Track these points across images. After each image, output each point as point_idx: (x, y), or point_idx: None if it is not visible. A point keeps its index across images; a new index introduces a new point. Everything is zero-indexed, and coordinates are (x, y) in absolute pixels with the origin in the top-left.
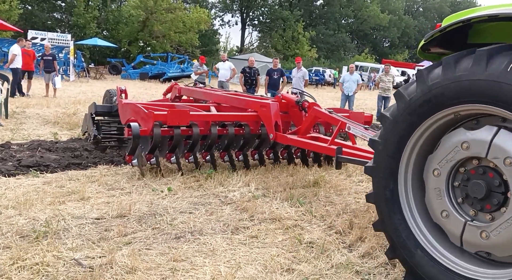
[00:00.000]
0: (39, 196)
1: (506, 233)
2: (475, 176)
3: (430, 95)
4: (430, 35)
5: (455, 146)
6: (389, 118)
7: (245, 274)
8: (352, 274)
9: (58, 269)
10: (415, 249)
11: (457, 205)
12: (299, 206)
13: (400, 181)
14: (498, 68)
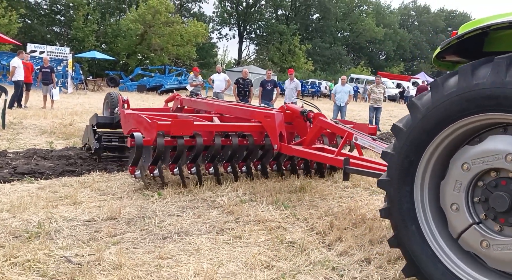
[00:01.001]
0: (33, 200)
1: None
2: (502, 187)
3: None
4: (446, 42)
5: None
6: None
7: (226, 270)
8: (328, 270)
9: (48, 266)
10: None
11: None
12: (283, 209)
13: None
14: None
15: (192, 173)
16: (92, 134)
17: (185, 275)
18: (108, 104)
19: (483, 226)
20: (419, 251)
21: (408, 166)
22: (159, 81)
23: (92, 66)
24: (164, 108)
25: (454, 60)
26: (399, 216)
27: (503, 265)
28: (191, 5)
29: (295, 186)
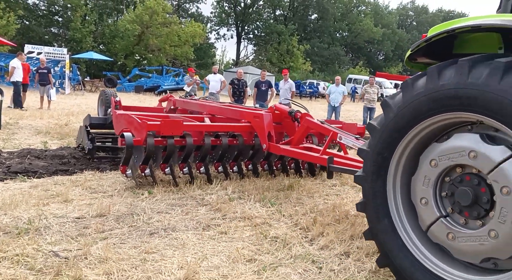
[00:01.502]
0: (24, 198)
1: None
2: (467, 182)
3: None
4: (416, 45)
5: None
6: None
7: (209, 263)
8: (308, 263)
9: (36, 259)
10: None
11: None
12: (270, 206)
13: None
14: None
15: (184, 173)
16: (86, 135)
17: (169, 268)
18: (103, 102)
19: (450, 219)
20: (391, 243)
21: (382, 162)
22: (157, 82)
23: (89, 67)
24: (157, 108)
25: (425, 62)
26: (373, 210)
27: (466, 256)
28: (188, 5)
29: (284, 185)
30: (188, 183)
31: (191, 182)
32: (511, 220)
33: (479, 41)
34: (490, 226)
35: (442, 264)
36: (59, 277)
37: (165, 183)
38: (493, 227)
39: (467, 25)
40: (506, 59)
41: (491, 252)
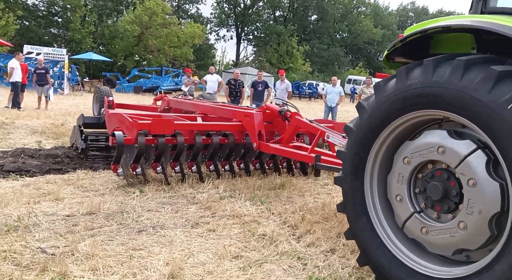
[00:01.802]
0: (16, 196)
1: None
2: (437, 178)
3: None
4: (392, 45)
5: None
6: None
7: (196, 260)
8: (293, 260)
9: (23, 256)
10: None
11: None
12: (260, 205)
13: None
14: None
15: (176, 172)
16: (79, 134)
17: (155, 265)
18: (97, 99)
19: (423, 214)
20: (369, 241)
21: (359, 162)
22: (156, 83)
23: (89, 68)
24: (151, 107)
25: (403, 62)
26: (352, 209)
27: (439, 249)
28: (188, 6)
29: (276, 184)
30: (180, 181)
31: (182, 181)
32: (477, 210)
33: (454, 42)
34: (459, 218)
35: (418, 259)
36: (44, 273)
37: (157, 181)
38: (462, 218)
39: (439, 26)
40: (466, 57)
41: (461, 243)
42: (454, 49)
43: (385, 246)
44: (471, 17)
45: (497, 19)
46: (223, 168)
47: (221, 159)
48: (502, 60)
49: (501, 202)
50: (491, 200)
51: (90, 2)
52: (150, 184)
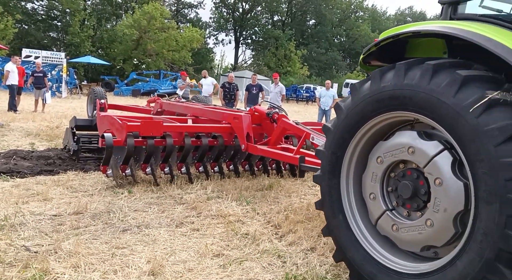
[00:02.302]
0: (4, 196)
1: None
2: (408, 177)
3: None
4: (367, 49)
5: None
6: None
7: (177, 258)
8: (273, 258)
9: (7, 253)
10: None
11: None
12: (245, 205)
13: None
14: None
15: (165, 173)
16: (71, 136)
17: (137, 263)
18: (91, 100)
19: (395, 212)
20: (344, 237)
21: (335, 161)
22: (154, 86)
23: (88, 71)
24: (144, 109)
25: (379, 65)
26: (329, 207)
27: (409, 246)
28: (187, 11)
29: (264, 185)
30: (169, 182)
31: (171, 182)
32: (443, 208)
33: (427, 46)
34: (427, 215)
35: (389, 255)
36: (26, 269)
37: (146, 182)
38: (429, 216)
39: (409, 31)
40: (434, 62)
41: (428, 240)
42: (427, 53)
43: (359, 243)
44: (440, 23)
45: (462, 25)
46: (212, 169)
47: (210, 161)
48: (469, 64)
49: (465, 201)
50: (456, 199)
51: (89, 6)
52: (139, 185)
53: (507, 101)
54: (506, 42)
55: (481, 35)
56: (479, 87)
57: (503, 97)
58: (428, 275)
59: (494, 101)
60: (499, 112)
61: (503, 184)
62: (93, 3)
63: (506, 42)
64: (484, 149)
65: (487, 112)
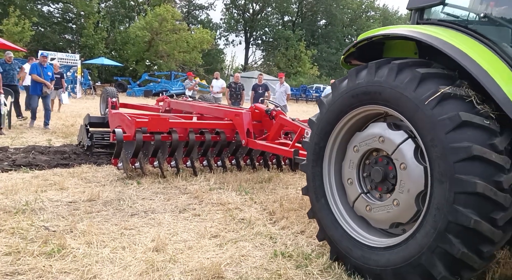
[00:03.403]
0: (25, 185)
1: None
2: (379, 163)
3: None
4: (346, 50)
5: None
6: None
7: (179, 238)
8: (266, 239)
9: (29, 232)
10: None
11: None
12: (244, 195)
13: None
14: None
15: (172, 166)
16: (85, 133)
17: (143, 241)
18: (104, 99)
19: (369, 194)
20: (326, 218)
21: (319, 151)
22: (165, 87)
23: (102, 72)
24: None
25: (358, 64)
26: (313, 192)
27: (379, 223)
28: (198, 12)
29: (264, 178)
30: (175, 175)
31: (177, 174)
32: (407, 189)
33: (400, 47)
34: (394, 196)
35: (363, 232)
36: (46, 244)
37: (154, 174)
38: (395, 196)
39: (380, 34)
40: (399, 61)
41: (395, 217)
42: (401, 53)
43: (338, 223)
44: (407, 27)
45: (424, 29)
46: (215, 163)
47: (213, 155)
48: (429, 63)
49: (424, 182)
50: (417, 180)
51: (103, 9)
52: (147, 177)
53: (457, 95)
54: (458, 44)
55: (437, 38)
56: (435, 83)
57: (453, 91)
58: (394, 247)
59: (446, 95)
60: (450, 104)
61: (452, 166)
62: (107, 5)
63: (458, 44)
64: (437, 136)
65: (440, 104)
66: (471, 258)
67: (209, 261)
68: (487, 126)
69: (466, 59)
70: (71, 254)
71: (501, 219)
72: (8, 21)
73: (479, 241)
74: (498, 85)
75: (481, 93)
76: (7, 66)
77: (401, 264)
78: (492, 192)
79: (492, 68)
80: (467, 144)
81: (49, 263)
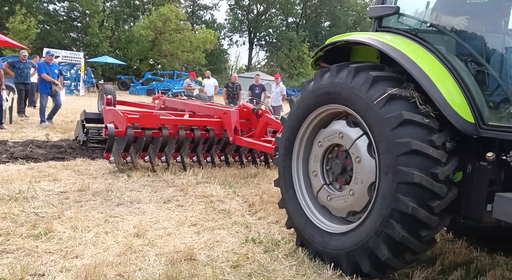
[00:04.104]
0: (20, 176)
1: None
2: (339, 157)
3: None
4: (314, 53)
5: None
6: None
7: (160, 225)
8: (241, 228)
9: (19, 217)
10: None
11: None
12: (228, 188)
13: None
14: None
15: (162, 162)
16: (81, 128)
17: (125, 227)
18: (102, 96)
19: (331, 186)
20: (293, 207)
21: (289, 146)
22: (168, 86)
23: (106, 71)
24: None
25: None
26: (283, 184)
27: (338, 212)
28: (202, 12)
29: (250, 173)
30: (164, 169)
31: (167, 169)
32: (361, 180)
33: (365, 52)
34: (350, 187)
35: (324, 220)
36: (34, 228)
37: (144, 169)
38: (352, 187)
39: (342, 40)
40: (356, 64)
41: (351, 206)
42: (365, 58)
43: (303, 212)
44: (366, 34)
45: (380, 36)
46: (205, 159)
47: (203, 151)
48: (382, 67)
49: (375, 174)
50: (369, 172)
51: (108, 8)
52: (138, 171)
53: (402, 96)
54: (406, 51)
55: (389, 44)
56: (384, 85)
57: (399, 93)
58: (348, 233)
59: (392, 96)
60: (395, 104)
61: (395, 159)
62: (112, 4)
63: (406, 50)
64: (384, 132)
65: (387, 104)
66: (411, 241)
67: (184, 246)
68: (426, 124)
69: (410, 64)
70: (56, 237)
71: (437, 206)
72: (14, 19)
73: (417, 226)
74: (438, 88)
75: (424, 94)
76: (21, 64)
77: (353, 248)
78: (428, 182)
79: (433, 72)
80: (408, 140)
81: (35, 244)
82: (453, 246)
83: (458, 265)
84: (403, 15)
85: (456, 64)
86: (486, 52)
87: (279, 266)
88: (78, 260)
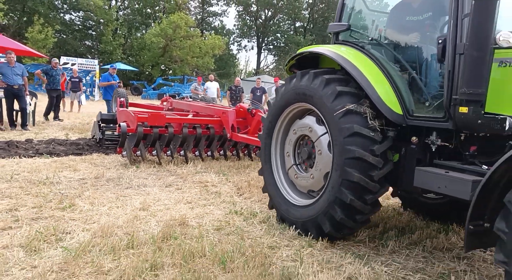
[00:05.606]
0: (46, 167)
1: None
2: (307, 146)
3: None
4: (287, 61)
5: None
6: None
7: (161, 203)
8: (228, 204)
9: (48, 195)
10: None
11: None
12: (222, 176)
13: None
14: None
15: (167, 155)
16: (97, 128)
17: (133, 203)
18: (115, 99)
19: (299, 166)
20: (268, 178)
21: (271, 127)
22: (178, 90)
23: (119, 77)
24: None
25: None
26: (263, 157)
27: (301, 188)
28: (212, 19)
29: (244, 165)
30: (169, 162)
31: (171, 161)
32: (319, 168)
33: (330, 60)
34: (312, 171)
35: (292, 193)
36: (60, 203)
37: (151, 161)
38: (312, 172)
39: (307, 51)
40: (315, 70)
41: (310, 186)
42: (330, 64)
43: (276, 183)
44: (325, 46)
45: (335, 48)
46: (205, 153)
47: (204, 146)
48: (334, 71)
49: (331, 166)
50: (326, 164)
51: (121, 17)
52: (146, 163)
53: (357, 111)
54: (352, 60)
55: (340, 55)
56: (345, 100)
57: (355, 108)
58: (309, 206)
59: (349, 111)
60: (350, 118)
61: (343, 161)
62: (125, 13)
63: (353, 59)
64: (339, 139)
65: (344, 116)
66: (358, 204)
67: (179, 216)
68: (371, 137)
69: (355, 70)
70: (78, 209)
71: (376, 175)
72: (32, 29)
73: (362, 191)
74: (375, 88)
75: (375, 110)
76: (53, 71)
77: (316, 215)
78: (368, 157)
79: (371, 76)
80: (354, 148)
81: (62, 213)
82: (400, 217)
83: (397, 228)
84: (354, 31)
85: (391, 70)
86: (413, 61)
87: (253, 228)
88: (95, 224)
